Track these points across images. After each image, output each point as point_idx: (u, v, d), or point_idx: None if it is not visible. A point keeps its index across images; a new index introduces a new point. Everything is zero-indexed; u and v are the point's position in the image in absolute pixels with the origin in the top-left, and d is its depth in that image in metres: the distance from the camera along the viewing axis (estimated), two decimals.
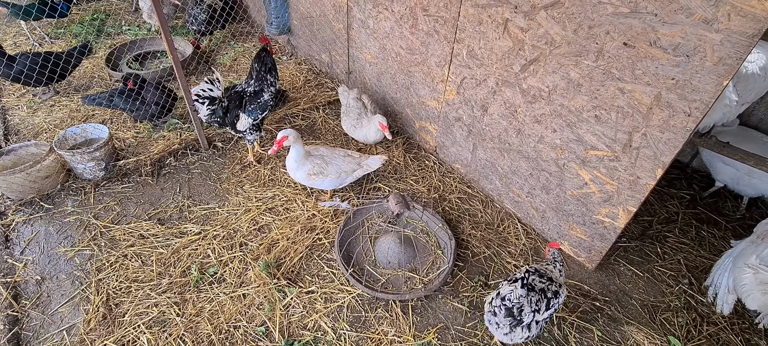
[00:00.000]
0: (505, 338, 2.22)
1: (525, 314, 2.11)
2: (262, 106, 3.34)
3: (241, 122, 3.34)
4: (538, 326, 2.17)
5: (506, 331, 2.18)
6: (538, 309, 2.12)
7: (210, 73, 3.44)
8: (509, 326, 2.15)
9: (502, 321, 2.16)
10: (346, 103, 3.74)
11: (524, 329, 2.15)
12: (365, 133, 3.53)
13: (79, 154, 3.18)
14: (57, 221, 3.06)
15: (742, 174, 3.14)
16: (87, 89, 4.45)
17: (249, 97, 3.34)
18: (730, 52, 1.79)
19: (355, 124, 3.59)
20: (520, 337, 2.19)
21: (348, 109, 3.68)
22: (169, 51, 3.07)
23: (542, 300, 2.14)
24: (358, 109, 3.61)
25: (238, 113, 3.33)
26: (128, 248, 2.88)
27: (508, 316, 2.13)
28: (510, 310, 2.13)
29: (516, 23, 2.54)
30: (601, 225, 2.67)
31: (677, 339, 2.48)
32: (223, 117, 3.36)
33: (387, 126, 3.33)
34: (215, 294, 2.62)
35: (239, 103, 3.35)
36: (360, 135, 3.58)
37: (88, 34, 5.40)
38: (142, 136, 3.81)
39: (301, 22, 4.91)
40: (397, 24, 3.44)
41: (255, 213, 3.15)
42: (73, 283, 2.68)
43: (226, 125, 3.43)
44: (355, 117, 3.59)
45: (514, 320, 2.13)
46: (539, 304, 2.12)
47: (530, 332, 2.16)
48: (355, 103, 3.64)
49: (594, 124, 2.41)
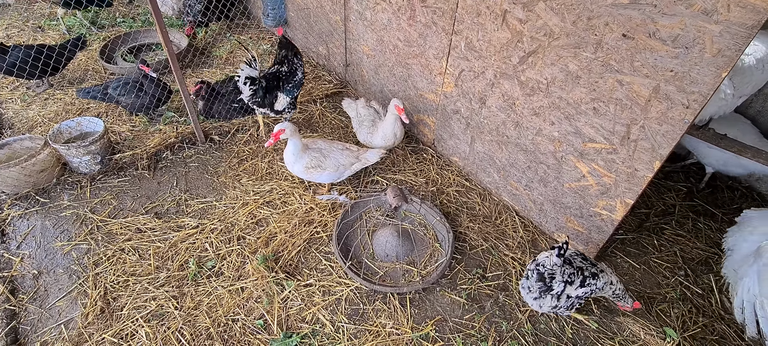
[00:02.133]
0: (535, 303, 2.32)
1: (555, 282, 2.17)
2: (298, 84, 3.56)
3: (280, 101, 3.51)
4: (569, 300, 2.21)
5: (535, 295, 2.27)
6: (571, 282, 2.17)
7: (245, 53, 3.53)
8: (539, 291, 2.22)
9: (532, 285, 2.25)
10: (355, 114, 3.57)
11: (554, 298, 2.22)
12: (384, 133, 3.32)
13: (75, 148, 3.16)
14: (53, 215, 3.05)
15: (730, 156, 3.15)
16: (81, 82, 4.40)
17: (285, 76, 3.51)
18: (729, 44, 1.79)
19: (371, 131, 3.41)
20: (549, 306, 2.27)
21: (360, 119, 3.50)
22: (163, 43, 3.04)
23: (577, 275, 2.18)
24: (371, 116, 3.46)
25: (276, 93, 3.49)
26: (125, 242, 2.87)
27: (539, 280, 2.21)
28: (541, 275, 2.21)
29: (515, 15, 2.52)
30: (598, 218, 2.68)
31: (673, 330, 2.50)
32: (263, 98, 3.43)
33: (403, 108, 3.17)
34: (213, 288, 2.62)
35: (276, 84, 3.48)
36: (379, 139, 3.37)
37: (82, 27, 5.33)
38: (137, 130, 3.78)
39: (298, 13, 4.87)
40: (394, 15, 3.41)
41: (252, 207, 3.14)
42: (71, 277, 2.67)
43: (265, 106, 3.50)
44: (369, 124, 3.42)
45: (544, 285, 2.19)
46: (573, 277, 2.17)
47: (560, 302, 2.23)
48: (366, 110, 3.50)
49: (592, 117, 2.41)
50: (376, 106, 3.60)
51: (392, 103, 3.20)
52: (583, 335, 2.48)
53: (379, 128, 3.36)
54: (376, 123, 3.44)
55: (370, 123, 3.44)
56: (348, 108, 3.71)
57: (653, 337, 2.48)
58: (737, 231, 2.77)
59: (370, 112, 3.51)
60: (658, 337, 2.48)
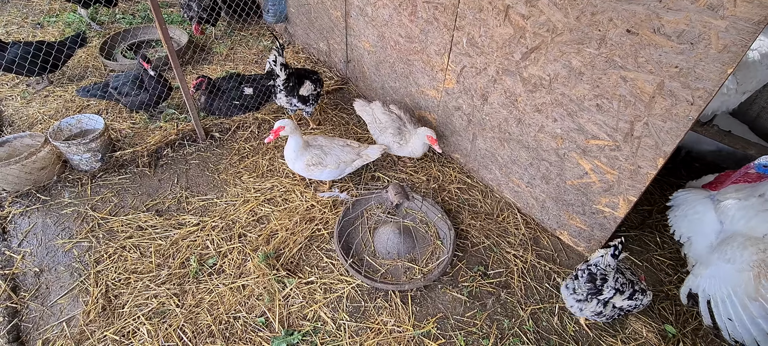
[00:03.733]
0: (576, 306, 2.21)
1: (607, 286, 2.08)
2: (319, 81, 3.71)
3: (306, 87, 3.56)
4: (613, 310, 2.14)
5: (581, 298, 2.15)
6: (622, 291, 2.09)
7: (273, 42, 3.58)
8: (587, 292, 2.12)
9: (581, 286, 2.14)
10: (372, 119, 3.38)
11: (600, 304, 2.12)
12: (412, 149, 3.20)
13: (75, 146, 3.15)
14: (54, 212, 3.04)
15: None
16: (81, 79, 4.39)
17: (306, 73, 3.65)
18: (736, 40, 1.77)
19: (398, 142, 3.21)
20: (591, 311, 2.16)
21: (381, 125, 3.29)
22: (163, 40, 3.02)
23: (628, 287, 2.12)
24: (394, 124, 3.26)
25: (304, 81, 3.55)
26: (126, 240, 2.86)
27: (589, 281, 2.10)
28: (593, 275, 2.10)
29: (517, 10, 2.49)
30: (601, 215, 2.66)
31: (672, 327, 2.50)
32: (295, 85, 3.52)
33: (436, 138, 3.04)
34: (215, 285, 2.62)
35: (303, 74, 3.61)
36: (405, 152, 3.26)
37: (82, 23, 5.31)
38: (138, 127, 3.76)
39: (299, 9, 4.84)
40: (395, 11, 3.39)
41: (253, 204, 3.13)
42: (72, 275, 2.67)
43: (294, 94, 3.55)
44: (395, 134, 3.21)
45: (593, 287, 2.09)
46: (625, 287, 2.11)
47: (604, 310, 2.12)
48: (387, 116, 3.29)
49: (595, 113, 2.39)
50: (396, 110, 3.39)
51: (422, 132, 3.05)
52: (585, 333, 2.47)
53: (408, 142, 3.22)
54: (404, 133, 3.24)
55: (395, 131, 3.23)
56: (362, 111, 3.55)
57: (655, 335, 2.47)
58: (679, 216, 2.73)
59: (391, 117, 3.30)
60: (660, 334, 2.47)
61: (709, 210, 2.52)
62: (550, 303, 2.60)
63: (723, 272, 2.29)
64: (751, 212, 2.29)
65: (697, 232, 2.55)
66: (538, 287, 2.69)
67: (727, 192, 2.51)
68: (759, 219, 2.23)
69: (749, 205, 2.32)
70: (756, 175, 2.47)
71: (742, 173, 2.54)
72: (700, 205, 2.58)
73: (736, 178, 2.55)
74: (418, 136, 3.13)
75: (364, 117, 3.53)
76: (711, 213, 2.49)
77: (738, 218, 2.32)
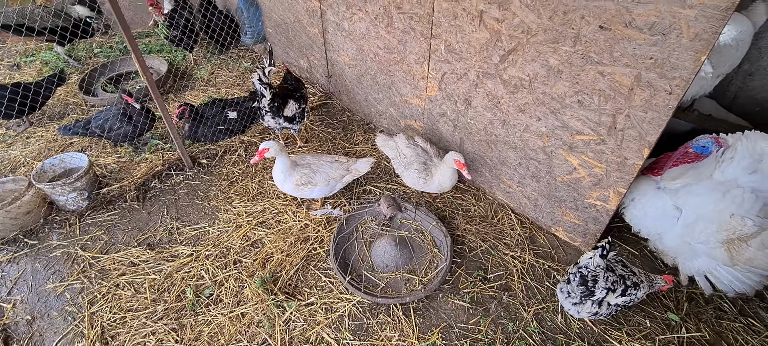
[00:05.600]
0: (573, 308, 2.25)
1: (598, 287, 2.12)
2: (304, 98, 3.77)
3: (290, 107, 3.58)
4: (609, 308, 2.19)
5: (576, 300, 2.20)
6: (613, 289, 2.14)
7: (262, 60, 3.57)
8: (580, 295, 2.17)
9: (574, 290, 2.19)
10: (396, 153, 3.20)
11: (594, 304, 2.16)
12: (440, 183, 3.00)
13: (60, 186, 3.10)
14: (43, 256, 2.98)
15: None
16: (62, 117, 4.33)
17: (291, 90, 3.69)
18: (706, 27, 1.81)
19: (424, 177, 3.01)
20: (588, 312, 2.21)
21: (406, 160, 3.10)
22: (141, 72, 2.99)
23: (619, 284, 2.16)
24: (420, 158, 3.06)
25: (288, 100, 3.58)
26: (120, 277, 2.81)
27: (581, 284, 2.16)
28: (584, 278, 2.15)
29: (491, 14, 2.53)
30: (593, 208, 2.69)
31: (674, 314, 2.52)
32: (280, 105, 3.54)
33: (464, 163, 2.83)
34: (213, 316, 2.58)
35: (287, 93, 3.65)
36: (434, 187, 3.06)
37: (59, 61, 5.25)
38: (123, 161, 3.72)
39: (276, 29, 4.84)
40: (372, 24, 3.41)
41: (246, 228, 3.10)
42: (66, 319, 2.61)
43: (279, 115, 3.57)
44: (420, 170, 3.02)
45: (586, 289, 2.14)
46: (616, 285, 2.15)
47: (600, 309, 2.18)
48: (411, 150, 3.10)
49: (577, 110, 2.42)
50: (421, 143, 3.19)
51: (450, 156, 2.87)
52: (590, 329, 2.48)
53: (435, 176, 3.00)
54: (430, 167, 3.04)
55: (421, 166, 3.03)
56: (384, 146, 3.34)
57: (658, 324, 2.49)
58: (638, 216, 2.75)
59: (416, 151, 3.11)
60: (663, 323, 2.49)
61: (665, 202, 2.57)
62: (553, 302, 2.61)
63: (703, 251, 2.42)
64: (712, 197, 2.36)
65: (663, 226, 2.60)
66: (538, 287, 2.70)
67: (671, 176, 2.57)
68: (725, 202, 2.31)
69: (705, 191, 2.39)
70: (694, 154, 2.52)
71: (681, 153, 2.58)
72: (657, 199, 2.61)
73: (675, 159, 2.59)
74: (445, 163, 2.91)
75: (386, 152, 3.34)
76: (668, 204, 2.55)
77: (704, 205, 2.39)
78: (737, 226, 2.23)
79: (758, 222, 2.19)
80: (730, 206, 2.27)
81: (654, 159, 2.79)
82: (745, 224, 2.21)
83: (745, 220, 2.21)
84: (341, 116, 4.31)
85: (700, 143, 2.51)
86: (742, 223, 2.21)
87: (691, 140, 2.58)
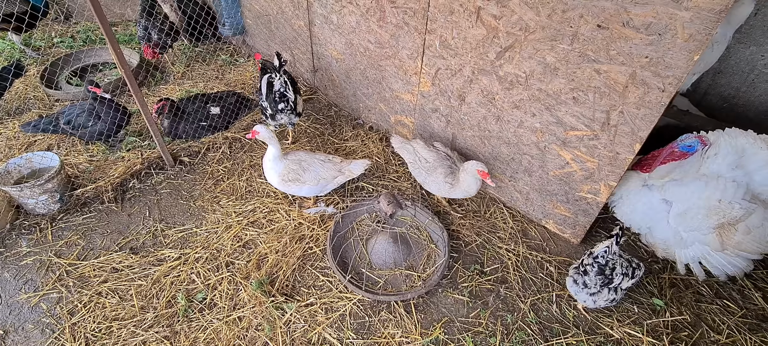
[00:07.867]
0: (589, 299, 2.30)
1: (616, 274, 2.21)
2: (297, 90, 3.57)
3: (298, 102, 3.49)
4: (620, 293, 2.28)
5: (593, 291, 2.26)
6: (628, 274, 2.24)
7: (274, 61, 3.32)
8: (599, 285, 2.23)
9: (592, 280, 2.25)
10: (415, 158, 3.07)
11: (611, 291, 2.24)
12: (466, 189, 2.89)
13: (28, 189, 2.87)
14: (12, 265, 2.76)
15: None
16: (22, 112, 4.00)
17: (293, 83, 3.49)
18: (700, 29, 1.90)
19: (451, 182, 2.90)
20: (605, 300, 2.28)
21: (428, 166, 2.99)
22: (118, 63, 2.80)
23: (630, 268, 2.27)
24: (444, 162, 2.96)
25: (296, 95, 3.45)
26: (101, 285, 2.65)
27: (599, 274, 2.22)
28: (602, 268, 2.22)
29: (489, 11, 2.54)
30: (584, 201, 2.79)
31: (659, 299, 2.66)
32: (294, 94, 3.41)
33: (488, 172, 2.76)
34: (208, 321, 2.48)
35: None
36: (459, 194, 2.96)
37: (15, 51, 4.84)
38: (97, 160, 3.48)
39: (256, 20, 4.68)
40: (363, 17, 3.35)
41: (237, 229, 3.00)
42: (43, 331, 2.44)
43: (294, 113, 3.48)
44: (447, 175, 2.91)
45: (604, 279, 2.21)
46: (628, 270, 2.25)
47: (616, 295, 2.26)
48: (434, 154, 3.00)
49: (572, 106, 2.49)
50: (442, 147, 3.08)
51: (472, 166, 2.78)
52: (583, 317, 2.58)
53: (461, 183, 2.89)
54: (455, 173, 2.93)
55: (447, 171, 2.92)
56: (401, 149, 3.21)
57: (645, 309, 2.62)
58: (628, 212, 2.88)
59: (440, 156, 2.99)
60: (649, 308, 2.62)
61: (653, 197, 2.71)
62: (548, 292, 2.69)
63: (696, 238, 2.56)
64: (698, 185, 2.52)
65: (654, 220, 2.73)
66: (533, 278, 2.78)
67: (659, 175, 2.71)
68: (710, 190, 2.48)
69: (692, 183, 2.56)
70: (680, 153, 2.68)
71: (668, 151, 2.74)
72: (644, 196, 2.76)
73: (663, 157, 2.74)
74: (467, 172, 2.82)
75: (403, 156, 3.22)
76: (656, 199, 2.70)
77: (692, 193, 2.55)
78: (726, 209, 2.41)
79: (744, 206, 2.38)
80: (716, 193, 2.44)
81: (642, 156, 2.92)
82: (732, 207, 2.39)
83: (732, 204, 2.39)
84: (328, 111, 4.24)
85: (686, 143, 2.64)
86: (730, 206, 2.40)
87: (677, 140, 2.71)
